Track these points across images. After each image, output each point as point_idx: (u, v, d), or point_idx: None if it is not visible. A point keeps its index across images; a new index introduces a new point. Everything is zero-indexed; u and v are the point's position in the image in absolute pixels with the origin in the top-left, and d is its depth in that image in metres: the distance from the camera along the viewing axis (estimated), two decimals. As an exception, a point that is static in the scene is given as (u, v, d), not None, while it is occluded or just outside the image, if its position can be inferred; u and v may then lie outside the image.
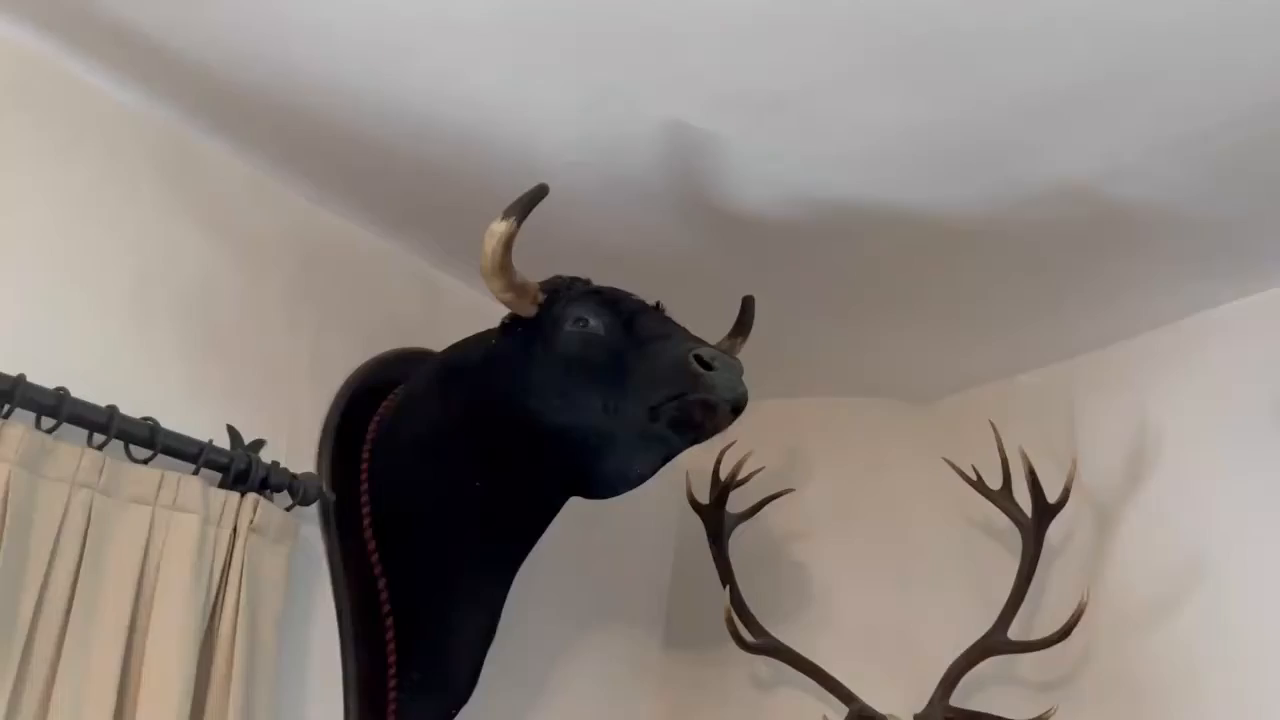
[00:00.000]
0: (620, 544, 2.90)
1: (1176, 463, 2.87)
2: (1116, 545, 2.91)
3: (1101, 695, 2.80)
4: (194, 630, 1.69)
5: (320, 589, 2.10)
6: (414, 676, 2.10)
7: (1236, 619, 2.65)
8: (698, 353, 1.81)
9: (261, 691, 1.78)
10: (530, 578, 2.48)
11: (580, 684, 2.62)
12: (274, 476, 1.94)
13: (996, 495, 2.81)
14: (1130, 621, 2.82)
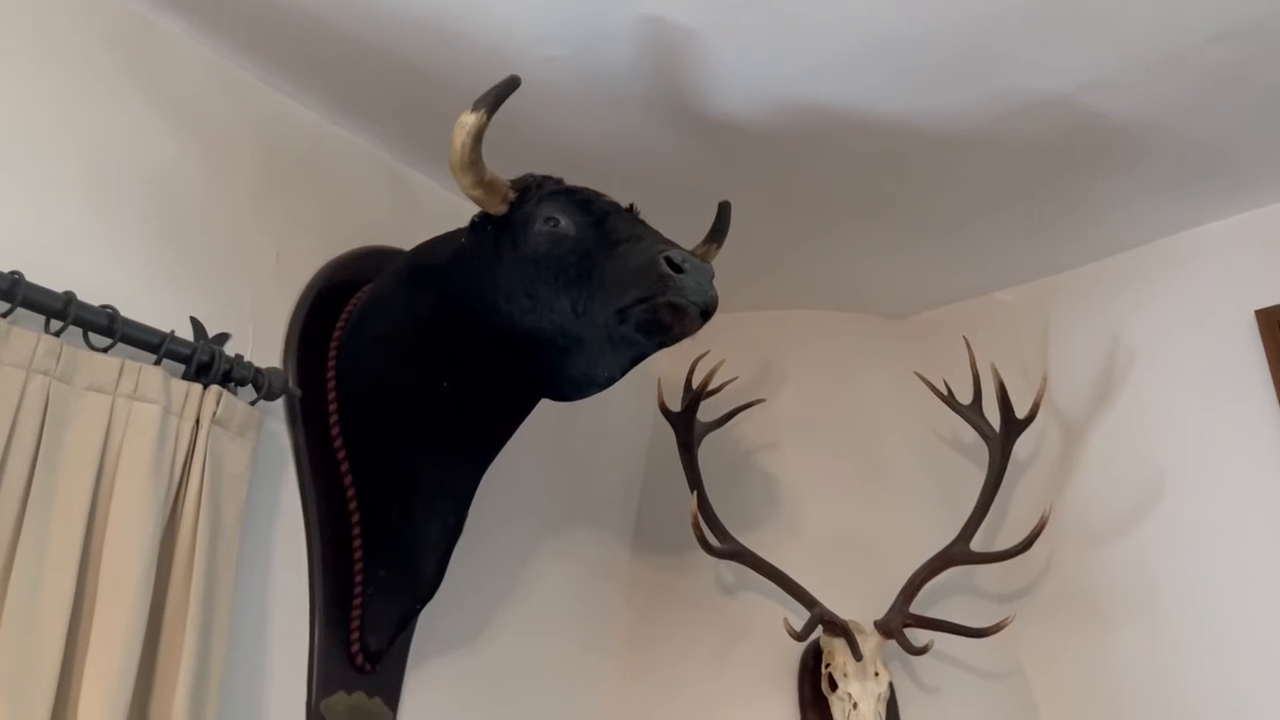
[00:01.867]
0: (592, 449, 2.91)
1: (1145, 382, 2.90)
2: (1081, 461, 2.95)
3: (1059, 606, 2.87)
4: (154, 520, 1.68)
5: (285, 485, 2.09)
6: (380, 574, 2.11)
7: (1193, 534, 2.71)
8: (668, 255, 1.78)
9: (223, 586, 1.78)
10: (501, 479, 2.49)
11: (548, 586, 2.65)
12: (238, 370, 1.91)
13: (966, 410, 2.83)
14: (1091, 535, 2.88)
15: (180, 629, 1.68)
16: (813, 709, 2.59)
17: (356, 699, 2.08)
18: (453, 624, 2.36)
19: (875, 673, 2.52)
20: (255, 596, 1.98)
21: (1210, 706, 2.56)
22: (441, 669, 2.31)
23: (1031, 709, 2.83)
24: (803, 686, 2.64)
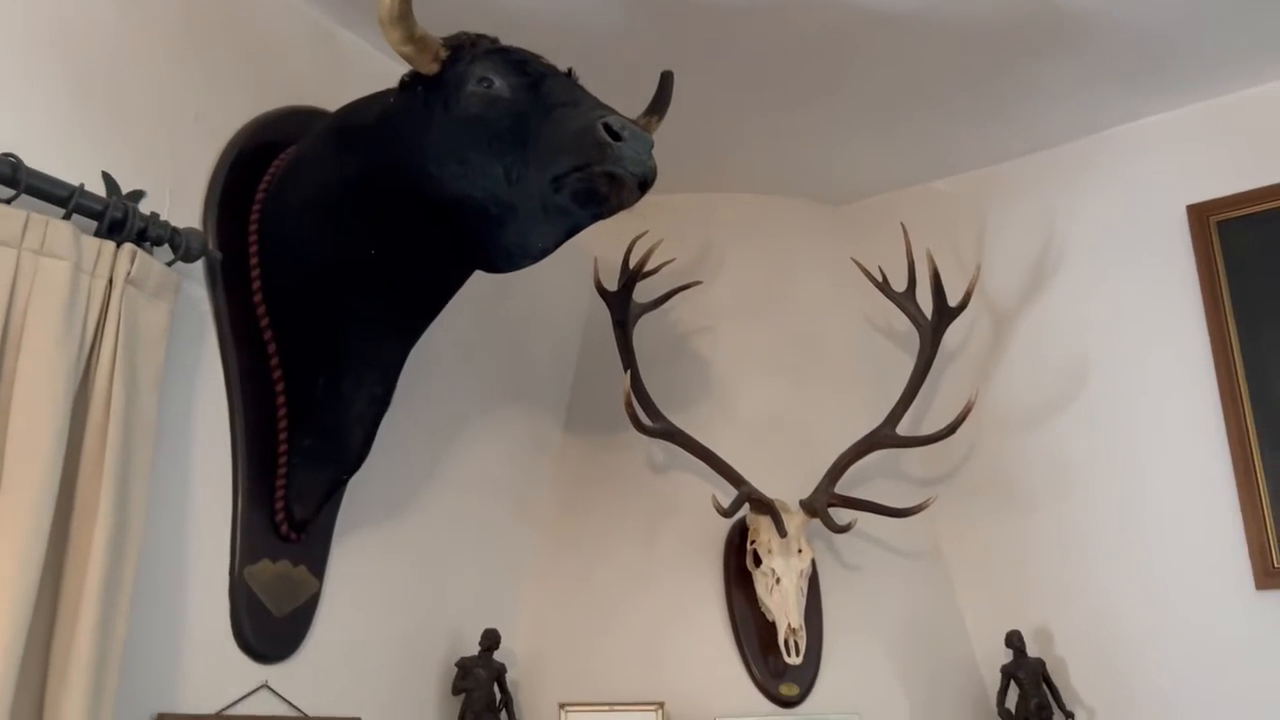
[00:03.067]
0: (527, 326, 2.88)
1: (1076, 274, 2.94)
2: (1009, 351, 3.00)
3: (979, 489, 2.95)
4: (65, 382, 1.62)
5: (206, 351, 2.03)
6: (305, 443, 2.08)
7: (1109, 424, 2.80)
8: (606, 121, 1.72)
9: (141, 452, 1.73)
10: (434, 351, 2.45)
11: (478, 460, 2.65)
12: (153, 229, 1.83)
13: (900, 297, 2.84)
14: (1013, 422, 2.95)
15: (95, 495, 1.63)
16: (737, 584, 2.66)
17: (281, 567, 2.07)
18: (381, 494, 2.35)
19: (799, 549, 2.58)
20: (175, 463, 1.94)
21: (1118, 587, 2.68)
22: (369, 539, 2.30)
23: (947, 587, 2.94)
24: (728, 562, 2.70)
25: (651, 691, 2.44)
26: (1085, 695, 2.67)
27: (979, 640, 2.83)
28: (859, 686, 2.58)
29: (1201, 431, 2.64)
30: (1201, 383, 2.66)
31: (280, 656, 2.06)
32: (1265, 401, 2.57)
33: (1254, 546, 2.51)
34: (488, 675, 2.36)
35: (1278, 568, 2.47)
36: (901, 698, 2.63)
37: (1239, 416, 2.59)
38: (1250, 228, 2.69)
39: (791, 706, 2.53)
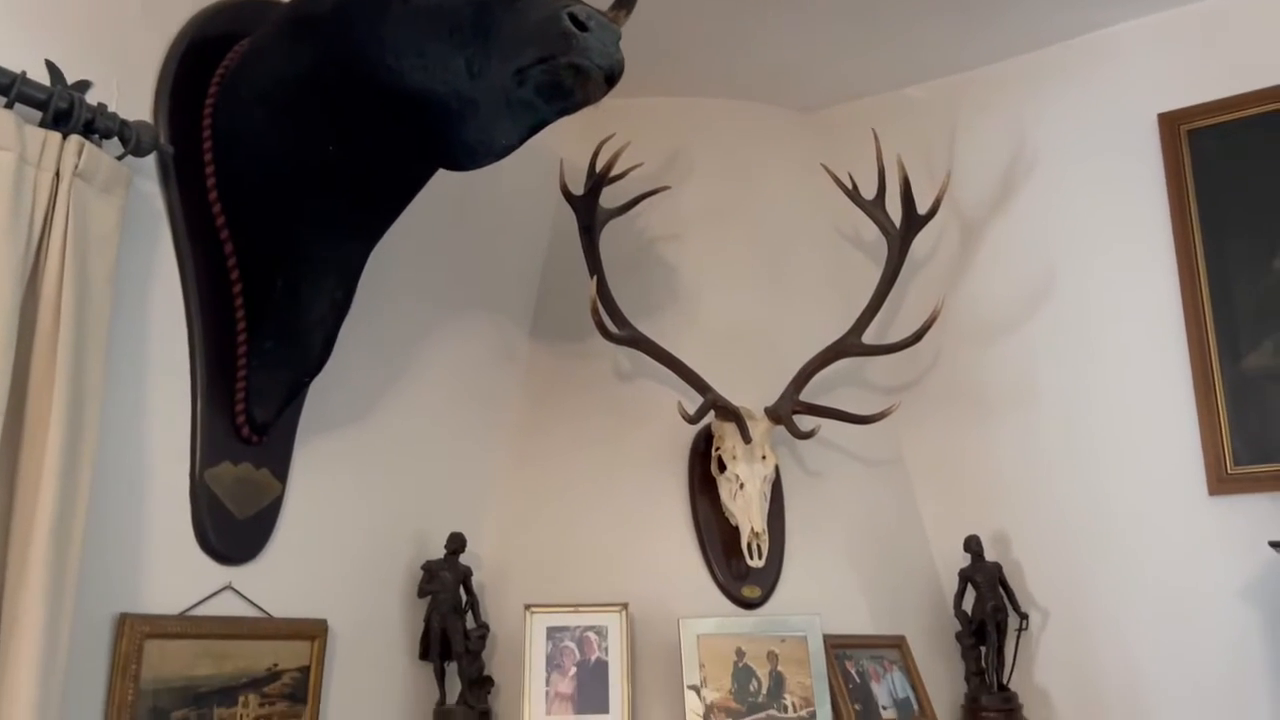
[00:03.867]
0: (492, 231, 2.84)
1: (1046, 183, 2.93)
2: (977, 260, 3.00)
3: (943, 398, 2.98)
4: (13, 278, 1.57)
5: (161, 250, 1.98)
6: (265, 345, 2.05)
7: (1073, 333, 2.82)
8: (571, 10, 1.66)
9: (94, 353, 1.70)
10: (397, 255, 2.41)
11: (443, 367, 2.63)
12: (101, 120, 1.76)
13: (869, 205, 2.82)
14: (980, 332, 2.96)
15: (48, 396, 1.60)
16: (701, 490, 2.68)
17: (243, 470, 2.06)
18: (344, 399, 2.33)
19: (763, 456, 2.59)
20: (131, 365, 1.90)
21: (1075, 493, 2.73)
22: (332, 444, 2.29)
23: (908, 493, 2.98)
24: (693, 468, 2.71)
25: (616, 594, 2.47)
26: (1040, 598, 2.74)
27: (938, 545, 2.89)
28: (819, 589, 2.63)
29: (1163, 341, 2.66)
30: (1165, 293, 2.68)
31: (244, 558, 2.06)
32: (1226, 312, 2.60)
33: (1209, 454, 2.56)
34: (454, 578, 2.37)
35: (1230, 474, 2.52)
36: (861, 600, 2.69)
37: (1200, 326, 2.61)
38: (1220, 137, 2.68)
39: (753, 608, 2.57)
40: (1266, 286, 2.56)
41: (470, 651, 2.34)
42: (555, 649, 2.38)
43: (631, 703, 2.36)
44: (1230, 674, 2.46)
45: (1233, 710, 2.44)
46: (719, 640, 2.42)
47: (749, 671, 2.40)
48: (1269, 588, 2.39)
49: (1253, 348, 2.55)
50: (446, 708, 2.34)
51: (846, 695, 2.46)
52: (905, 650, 2.66)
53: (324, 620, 2.16)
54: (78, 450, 1.64)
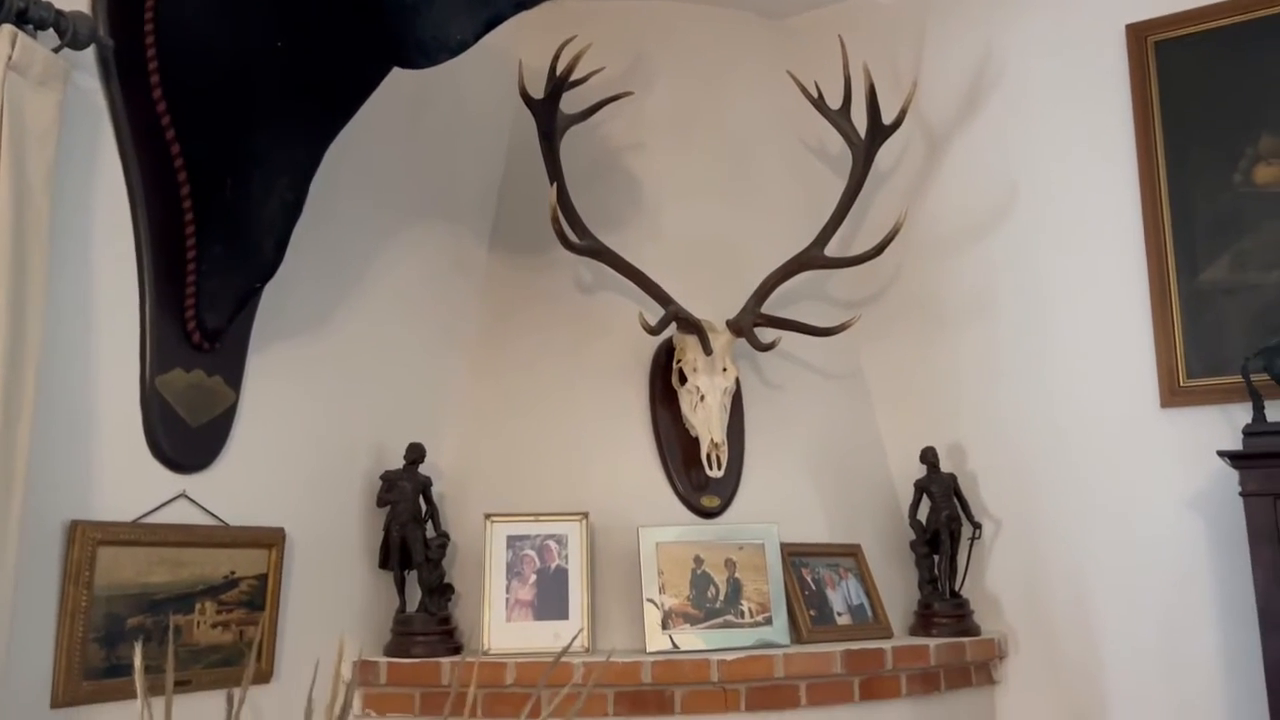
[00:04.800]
0: (450, 135, 2.76)
1: (1012, 95, 2.90)
2: (941, 172, 2.98)
3: (903, 311, 2.99)
4: (-55, 172, 1.51)
5: (104, 149, 1.91)
6: (214, 250, 1.99)
7: (1034, 247, 2.83)
8: (529, -101, 1.59)
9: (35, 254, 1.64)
10: (351, 160, 2.35)
11: (400, 276, 2.58)
12: (34, 9, 1.68)
13: (834, 114, 2.78)
14: (942, 244, 2.96)
15: (-14, 296, 1.55)
16: (662, 401, 2.68)
17: (195, 377, 2.02)
18: (299, 307, 2.28)
19: (723, 368, 2.59)
20: (75, 269, 1.85)
21: (1031, 406, 2.77)
22: (288, 352, 2.25)
23: (867, 406, 3.01)
24: (654, 380, 2.71)
25: (576, 503, 2.48)
26: (993, 508, 2.79)
27: (895, 456, 2.92)
28: (777, 498, 2.66)
29: (1122, 254, 2.68)
30: (1126, 206, 2.69)
31: (198, 466, 2.03)
32: (1185, 226, 2.61)
33: (1163, 367, 2.59)
34: (413, 488, 2.36)
35: (1182, 387, 2.56)
36: (818, 509, 2.72)
37: (1159, 240, 2.63)
38: (1187, 49, 2.66)
39: (712, 517, 2.59)
40: (1226, 201, 2.57)
41: (430, 560, 2.34)
42: (515, 557, 2.39)
43: (591, 609, 2.38)
44: (1175, 580, 2.53)
45: (1176, 614, 2.52)
46: (678, 548, 2.45)
47: (707, 578, 2.43)
48: (1215, 497, 2.45)
49: (1209, 262, 2.57)
50: (407, 615, 2.35)
51: (802, 601, 2.51)
52: (860, 558, 2.70)
53: (281, 529, 2.15)
54: (20, 355, 1.60)
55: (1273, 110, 2.56)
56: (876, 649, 2.39)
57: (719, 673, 2.24)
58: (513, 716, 1.81)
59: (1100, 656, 2.61)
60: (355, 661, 2.21)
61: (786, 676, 2.29)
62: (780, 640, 2.40)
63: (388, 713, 2.28)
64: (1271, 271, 2.46)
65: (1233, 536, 2.34)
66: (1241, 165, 2.57)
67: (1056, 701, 2.65)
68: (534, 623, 2.34)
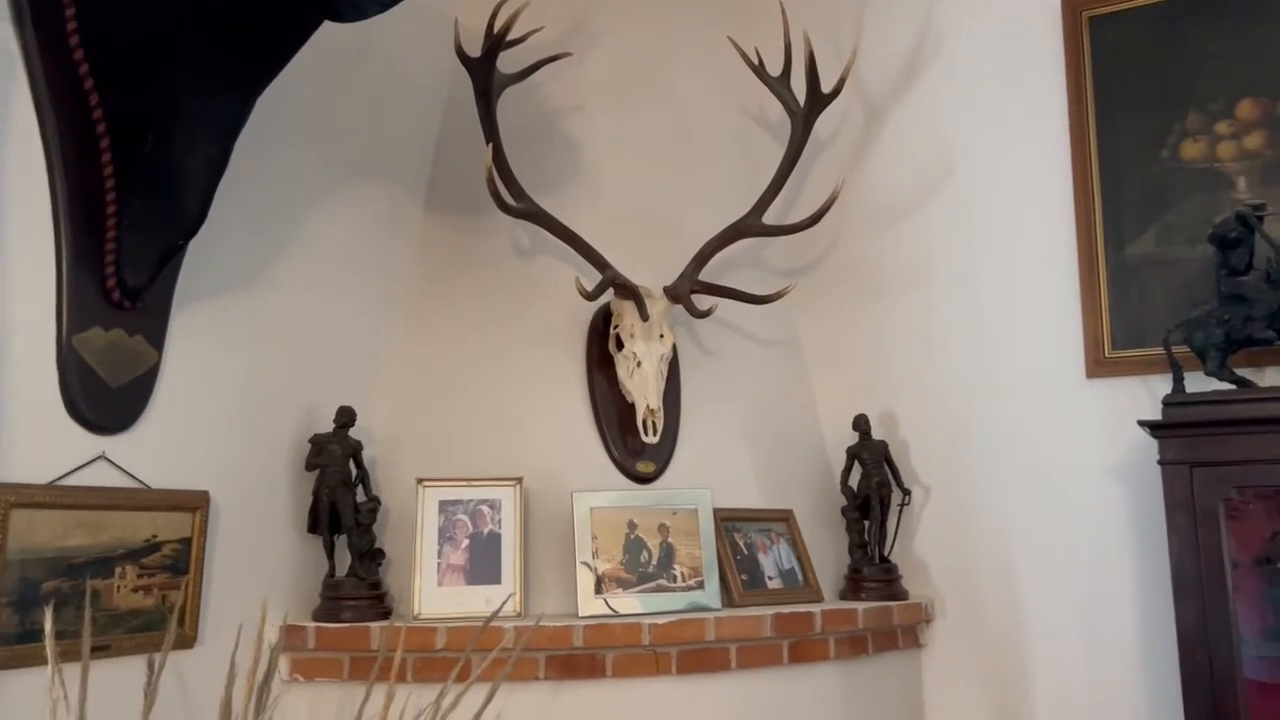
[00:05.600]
0: (384, 93, 2.70)
1: (950, 66, 2.92)
2: (879, 143, 3.00)
3: (840, 280, 3.01)
4: None
5: (16, 98, 1.83)
6: (135, 205, 1.92)
7: (968, 218, 2.86)
8: None
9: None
10: (282, 116, 2.28)
11: (332, 237, 2.52)
12: (-64, -53, 1.61)
13: (774, 81, 2.78)
14: (877, 214, 2.98)
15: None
16: (599, 367, 2.67)
17: (115, 336, 1.96)
18: (225, 266, 2.23)
19: (660, 334, 2.59)
20: (-13, 221, 1.78)
21: (961, 375, 2.81)
22: (214, 312, 2.20)
23: (803, 373, 3.03)
24: (591, 346, 2.70)
25: (511, 468, 2.47)
26: (923, 474, 2.84)
27: (828, 423, 2.95)
28: (712, 464, 2.67)
29: (1053, 227, 2.71)
30: (1058, 179, 2.72)
31: (118, 428, 1.98)
32: (1115, 200, 2.65)
33: (1089, 338, 2.64)
34: (342, 451, 2.33)
35: (1108, 357, 2.62)
36: (752, 475, 2.74)
37: (1089, 214, 2.67)
38: (1120, 25, 2.70)
39: (647, 482, 2.60)
40: (1153, 176, 2.62)
41: (360, 525, 2.32)
42: (448, 522, 2.37)
43: (523, 573, 2.38)
44: (1096, 546, 2.60)
45: (1097, 580, 2.59)
46: (612, 513, 2.45)
47: (640, 543, 2.44)
48: (1135, 465, 2.51)
49: (1136, 236, 2.63)
50: (336, 579, 2.32)
51: (734, 565, 2.53)
52: (792, 523, 2.73)
53: (205, 492, 2.11)
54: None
55: (1201, 88, 2.61)
56: (806, 612, 2.43)
57: (650, 636, 2.25)
58: (443, 681, 1.80)
59: (1023, 620, 2.67)
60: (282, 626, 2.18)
61: (717, 640, 2.31)
62: (712, 604, 2.42)
63: (316, 678, 2.26)
64: (1195, 246, 2.51)
65: (1152, 504, 2.40)
66: (1169, 141, 2.62)
67: (980, 664, 2.72)
68: (466, 588, 2.33)
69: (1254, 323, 2.30)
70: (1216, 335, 2.33)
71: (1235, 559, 2.28)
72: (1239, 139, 2.57)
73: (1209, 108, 2.60)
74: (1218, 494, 2.22)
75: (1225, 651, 2.18)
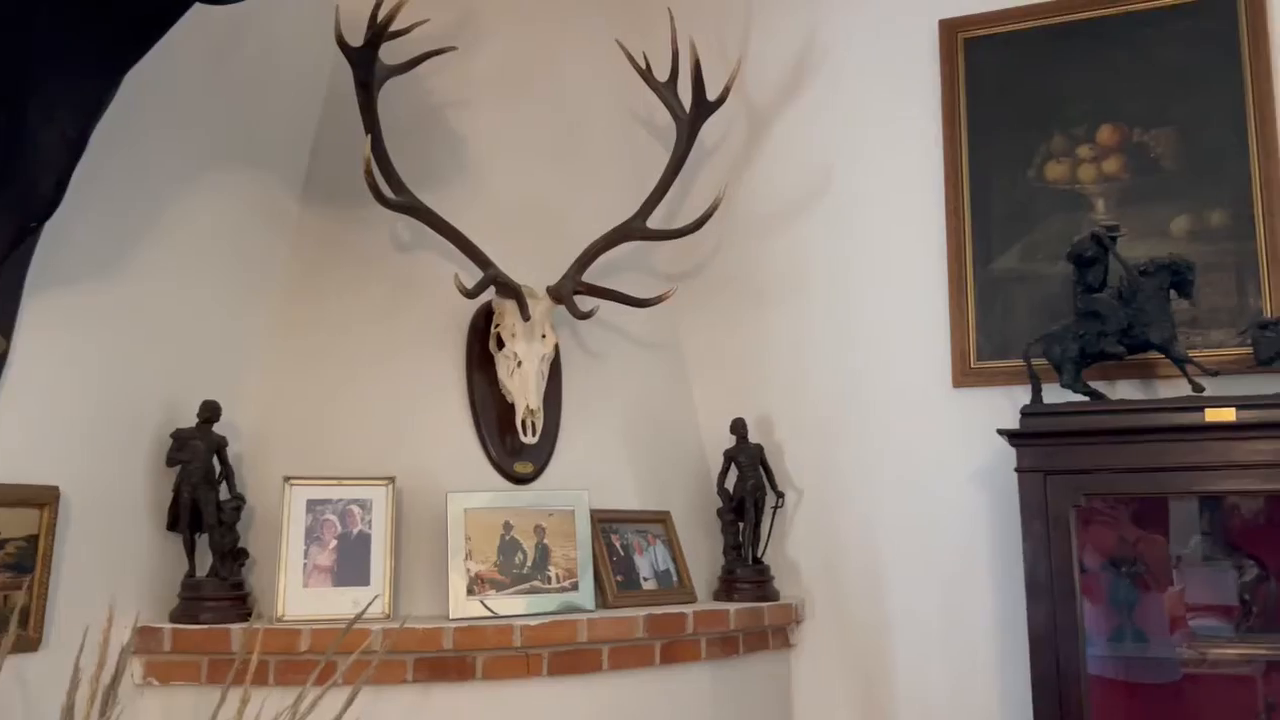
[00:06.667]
0: (262, 79, 2.61)
1: (832, 80, 2.99)
2: (763, 151, 3.05)
3: (722, 285, 3.06)
4: None
5: None
6: (-16, 183, 1.83)
7: (845, 230, 2.94)
8: None
9: None
10: (149, 95, 2.19)
11: (200, 224, 2.43)
12: None
13: (661, 86, 2.80)
14: (759, 222, 3.04)
15: None
16: (479, 366, 2.65)
17: (-42, 321, 1.85)
18: (84, 252, 2.13)
19: (542, 335, 2.58)
20: None
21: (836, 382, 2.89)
22: (70, 299, 2.09)
23: (683, 377, 3.06)
24: (471, 345, 2.67)
25: (385, 468, 2.42)
26: (797, 478, 2.90)
27: (707, 426, 2.99)
28: (591, 465, 2.67)
29: (926, 241, 2.81)
30: (932, 195, 2.82)
31: (-41, 419, 1.87)
32: (983, 217, 2.76)
33: (956, 349, 2.74)
34: (206, 447, 2.25)
35: (973, 368, 2.72)
36: (630, 477, 2.75)
37: (959, 230, 2.77)
38: (994, 48, 2.81)
39: (525, 483, 2.58)
40: (1019, 195, 2.74)
41: (223, 523, 2.24)
42: (316, 521, 2.32)
43: (393, 575, 2.34)
44: (958, 550, 2.70)
45: (958, 582, 2.69)
46: (487, 514, 2.43)
47: (515, 544, 2.43)
48: (996, 472, 2.61)
49: (1002, 251, 2.74)
50: (196, 579, 2.24)
51: (609, 566, 2.54)
52: (669, 525, 2.76)
53: (55, 487, 2.01)
54: None
55: (1066, 112, 2.74)
56: (678, 613, 2.45)
57: (522, 637, 2.24)
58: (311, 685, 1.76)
59: (888, 621, 2.76)
60: (134, 628, 2.10)
61: (590, 641, 2.31)
62: (585, 605, 2.43)
63: (171, 681, 2.18)
64: (1056, 263, 2.62)
65: (1010, 510, 2.50)
66: (1035, 162, 2.74)
67: (847, 663, 2.79)
68: (333, 589, 2.27)
69: (1107, 338, 2.42)
70: (1072, 349, 2.44)
71: (1084, 563, 2.40)
72: (1099, 163, 2.70)
73: (1073, 131, 2.72)
74: (1069, 501, 2.33)
75: (1072, 651, 2.29)
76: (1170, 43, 2.66)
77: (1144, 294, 2.40)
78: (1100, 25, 2.72)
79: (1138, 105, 2.67)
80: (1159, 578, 2.61)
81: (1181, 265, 2.39)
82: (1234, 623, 2.48)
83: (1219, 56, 2.61)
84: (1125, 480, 2.36)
